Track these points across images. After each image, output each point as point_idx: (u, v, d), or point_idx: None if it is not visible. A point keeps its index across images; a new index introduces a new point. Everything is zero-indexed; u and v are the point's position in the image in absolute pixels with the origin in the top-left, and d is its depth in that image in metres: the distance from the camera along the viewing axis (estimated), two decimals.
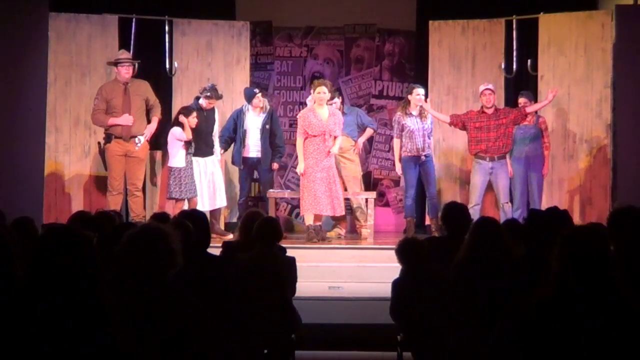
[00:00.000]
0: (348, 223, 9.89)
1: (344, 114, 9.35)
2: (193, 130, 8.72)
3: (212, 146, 9.04)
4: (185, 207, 8.50)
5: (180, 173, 8.66)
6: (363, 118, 9.62)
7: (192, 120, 8.68)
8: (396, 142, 9.24)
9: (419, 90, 9.14)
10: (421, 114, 9.10)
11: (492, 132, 8.88)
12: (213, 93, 8.94)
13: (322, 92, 8.57)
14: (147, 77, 9.39)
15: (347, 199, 9.67)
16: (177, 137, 8.67)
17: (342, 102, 9.58)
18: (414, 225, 9.24)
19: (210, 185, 8.92)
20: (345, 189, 9.28)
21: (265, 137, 9.14)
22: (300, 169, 8.47)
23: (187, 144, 8.66)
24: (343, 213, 8.86)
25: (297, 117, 8.75)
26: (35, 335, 2.44)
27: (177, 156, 8.69)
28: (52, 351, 2.44)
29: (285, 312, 5.05)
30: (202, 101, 8.95)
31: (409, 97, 9.17)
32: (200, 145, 8.87)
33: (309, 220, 8.63)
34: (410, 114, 9.11)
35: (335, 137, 8.59)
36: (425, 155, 9.11)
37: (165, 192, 8.87)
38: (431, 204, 9.20)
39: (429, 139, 9.19)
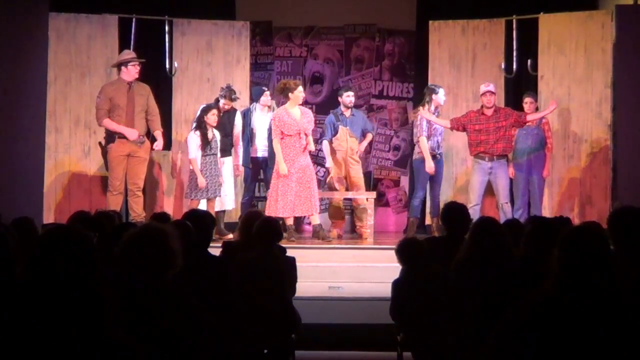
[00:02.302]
0: (347, 223, 9.89)
1: (352, 115, 9.36)
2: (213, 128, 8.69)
3: (228, 148, 9.02)
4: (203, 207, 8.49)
5: (194, 174, 8.63)
6: (366, 123, 9.62)
7: (211, 117, 8.63)
8: (422, 140, 9.10)
9: (440, 90, 9.15)
10: (438, 115, 9.12)
11: (492, 134, 8.86)
12: (226, 92, 8.93)
13: (302, 90, 8.60)
14: (147, 77, 9.40)
15: (349, 199, 9.67)
16: (192, 142, 8.64)
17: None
18: (415, 226, 9.23)
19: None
20: (347, 189, 9.28)
21: None
22: (282, 170, 8.44)
23: (204, 146, 8.61)
24: (317, 212, 8.79)
25: (271, 119, 8.73)
26: (34, 335, 2.44)
27: (195, 158, 8.66)
28: (52, 351, 2.44)
29: (285, 312, 5.05)
30: (220, 102, 8.96)
31: (434, 96, 9.13)
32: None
33: (287, 221, 8.60)
34: (433, 113, 9.11)
35: (307, 135, 8.59)
36: (439, 155, 9.14)
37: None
38: (434, 203, 9.19)
39: (441, 138, 9.20)
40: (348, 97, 9.34)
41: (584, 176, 9.12)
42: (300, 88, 8.61)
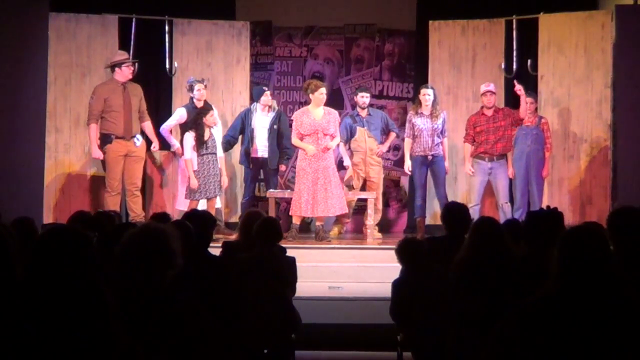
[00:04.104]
0: (351, 222, 9.85)
1: (369, 115, 9.35)
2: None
3: None
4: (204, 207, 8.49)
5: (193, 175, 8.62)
6: (388, 122, 9.61)
7: (209, 118, 8.62)
8: (406, 142, 9.22)
9: (425, 90, 9.11)
10: (432, 114, 9.07)
11: (492, 134, 8.90)
12: (193, 81, 8.93)
13: (323, 92, 8.61)
14: (147, 77, 9.41)
15: (364, 199, 9.63)
16: (187, 142, 8.64)
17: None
18: (424, 225, 9.19)
19: None
20: (363, 189, 9.25)
21: (273, 137, 9.12)
22: (310, 150, 8.46)
23: (198, 146, 8.60)
24: (339, 212, 8.81)
25: (292, 118, 8.79)
26: (34, 335, 2.44)
27: (190, 159, 8.66)
28: (52, 351, 2.44)
29: (285, 312, 5.05)
30: (194, 97, 8.93)
31: (419, 96, 9.16)
32: None
33: (295, 220, 8.67)
34: (422, 113, 9.10)
35: (332, 136, 8.59)
36: (432, 155, 9.08)
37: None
38: (441, 204, 9.12)
39: (439, 138, 9.10)
40: (362, 98, 9.36)
41: (584, 176, 9.12)
42: (322, 90, 8.61)
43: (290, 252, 5.42)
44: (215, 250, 5.12)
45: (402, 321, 5.04)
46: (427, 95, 9.07)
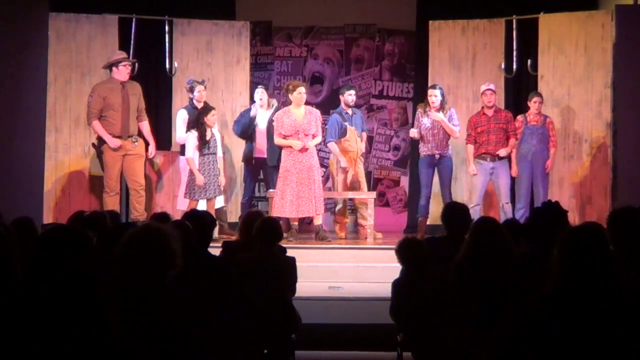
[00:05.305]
0: (351, 223, 9.85)
1: (354, 114, 9.33)
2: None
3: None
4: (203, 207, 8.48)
5: (193, 175, 8.61)
6: (364, 123, 9.60)
7: (211, 118, 8.61)
8: (413, 133, 9.24)
9: (432, 91, 9.07)
10: (442, 109, 9.05)
11: (493, 135, 8.90)
12: (193, 83, 8.93)
13: (302, 92, 8.61)
14: (147, 77, 9.39)
15: (351, 199, 9.64)
16: (190, 142, 8.62)
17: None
18: (425, 225, 9.17)
19: None
20: (353, 188, 9.25)
21: (271, 135, 9.11)
22: (296, 145, 8.46)
23: (201, 146, 8.59)
24: (320, 213, 8.75)
25: (273, 119, 8.77)
26: (34, 335, 2.44)
27: (192, 158, 8.64)
28: (51, 351, 2.44)
29: (285, 312, 5.05)
30: (194, 98, 8.92)
31: (427, 97, 9.13)
32: None
33: (293, 220, 8.67)
34: (429, 113, 9.08)
35: (314, 136, 8.60)
36: (440, 155, 9.06)
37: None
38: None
39: (447, 137, 9.03)
40: (350, 96, 9.30)
41: (584, 176, 9.12)
42: (300, 89, 8.61)
43: (290, 252, 5.42)
44: (215, 250, 5.12)
45: (402, 321, 5.04)
46: (434, 96, 9.04)
